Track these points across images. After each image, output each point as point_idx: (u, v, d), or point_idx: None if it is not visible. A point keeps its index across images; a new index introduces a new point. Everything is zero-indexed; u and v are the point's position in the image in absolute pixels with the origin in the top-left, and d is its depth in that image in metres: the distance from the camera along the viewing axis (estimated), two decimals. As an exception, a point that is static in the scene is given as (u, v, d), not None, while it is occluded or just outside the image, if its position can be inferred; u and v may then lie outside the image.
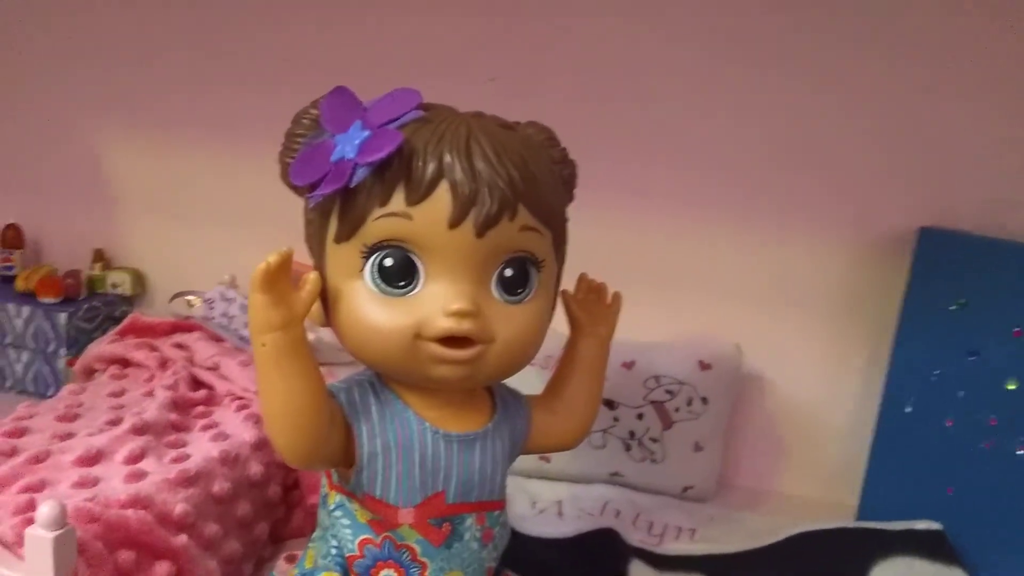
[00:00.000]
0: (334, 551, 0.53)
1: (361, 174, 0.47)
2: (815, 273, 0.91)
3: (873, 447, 0.86)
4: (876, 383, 0.86)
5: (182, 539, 0.55)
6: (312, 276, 0.48)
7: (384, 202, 0.47)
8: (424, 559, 0.52)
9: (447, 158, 0.47)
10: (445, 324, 0.47)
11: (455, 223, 0.47)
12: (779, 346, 0.93)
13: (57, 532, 0.47)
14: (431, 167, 0.47)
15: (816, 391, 0.93)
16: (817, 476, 0.94)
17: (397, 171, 0.47)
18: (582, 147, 0.57)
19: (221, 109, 1.03)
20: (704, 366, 0.88)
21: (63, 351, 0.96)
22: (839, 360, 0.92)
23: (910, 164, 0.87)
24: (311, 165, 0.49)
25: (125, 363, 0.82)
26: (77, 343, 0.96)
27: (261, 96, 0.49)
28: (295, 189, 0.52)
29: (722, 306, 0.94)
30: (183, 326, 0.89)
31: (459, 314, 0.47)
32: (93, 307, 1.00)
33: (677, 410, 0.87)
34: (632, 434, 0.87)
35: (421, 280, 0.49)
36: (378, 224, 0.48)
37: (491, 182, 0.47)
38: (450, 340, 0.48)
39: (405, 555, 0.52)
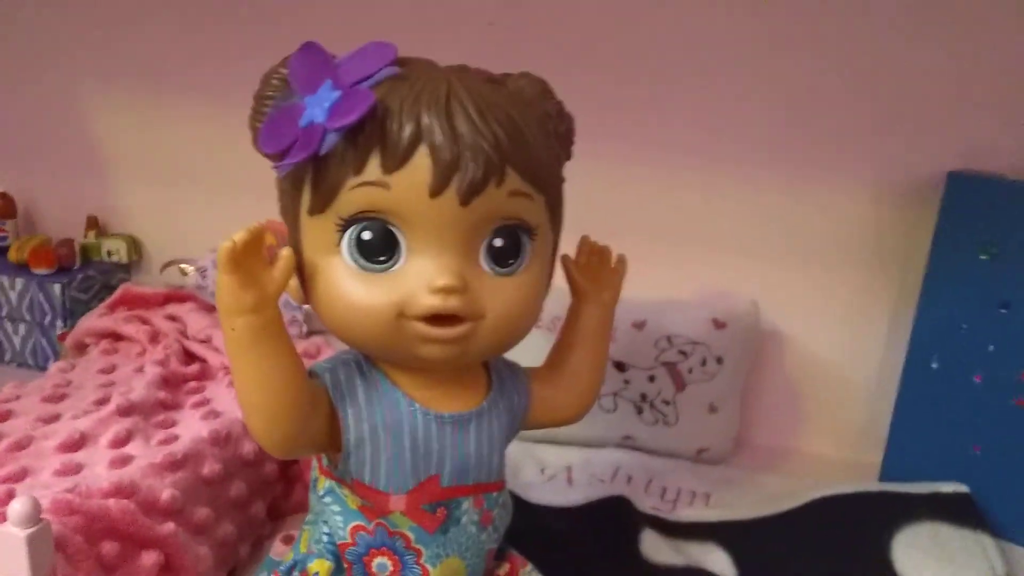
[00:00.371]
0: (325, 538, 0.50)
1: (331, 140, 0.43)
2: (836, 223, 0.86)
3: (897, 404, 0.82)
4: (901, 338, 0.82)
5: (169, 526, 0.53)
6: (285, 253, 0.45)
7: (359, 170, 0.43)
8: (418, 546, 0.49)
9: (425, 119, 0.43)
10: (430, 301, 0.44)
11: (436, 191, 0.43)
12: (798, 301, 0.89)
13: (31, 529, 0.45)
14: (408, 130, 0.43)
15: (837, 347, 0.90)
16: (838, 435, 0.91)
17: (371, 135, 0.43)
18: (585, 96, 0.52)
19: (217, 72, 0.98)
20: (719, 324, 0.84)
21: (59, 323, 0.94)
22: (861, 314, 0.88)
23: (937, 104, 0.81)
24: (279, 131, 0.45)
25: (116, 337, 0.80)
26: (74, 314, 0.94)
27: (257, 58, 0.46)
28: (267, 156, 0.48)
29: (737, 261, 0.89)
30: (176, 296, 0.86)
31: (445, 290, 0.44)
32: (88, 276, 0.98)
33: (691, 371, 0.83)
34: (644, 397, 0.84)
35: (403, 254, 0.45)
36: (353, 194, 0.44)
37: (474, 144, 0.43)
38: (436, 318, 0.44)
39: (399, 542, 0.49)
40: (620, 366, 0.84)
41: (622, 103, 0.86)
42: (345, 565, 0.50)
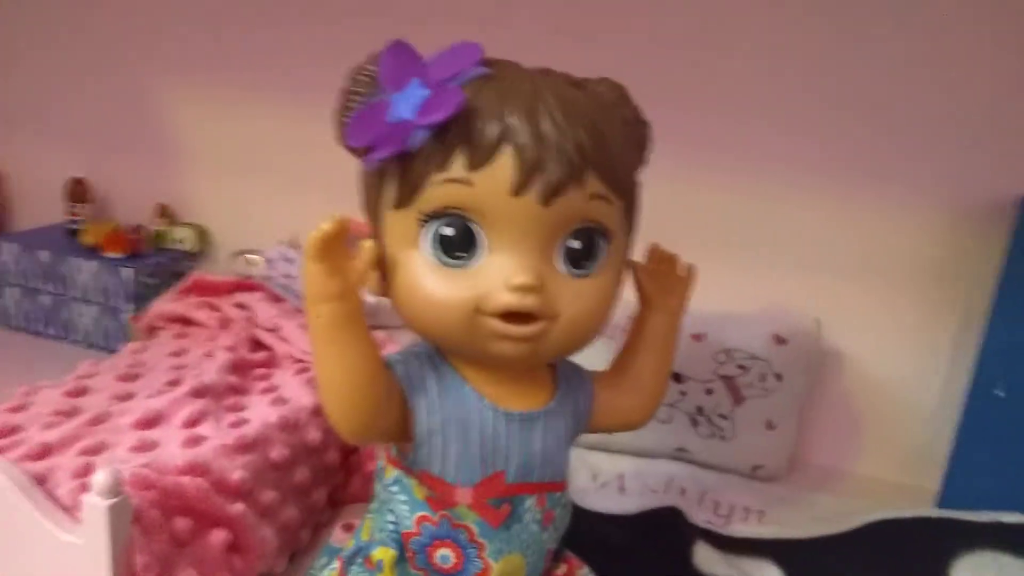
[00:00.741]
0: (391, 526, 0.51)
1: (419, 136, 0.44)
2: (903, 242, 0.85)
3: (959, 431, 0.81)
4: (965, 363, 0.81)
5: (239, 507, 0.55)
6: (368, 244, 0.46)
7: (443, 167, 0.44)
8: (482, 540, 0.50)
9: (511, 120, 0.43)
10: (507, 299, 0.45)
11: (519, 190, 0.44)
12: (861, 320, 0.88)
13: (112, 500, 0.46)
14: (494, 129, 0.43)
15: (900, 369, 0.88)
16: (896, 458, 0.89)
17: (457, 133, 0.44)
18: (651, 101, 0.52)
19: (290, 68, 1.01)
20: (779, 340, 0.83)
21: (128, 306, 0.97)
22: (926, 337, 0.87)
23: (1012, 125, 0.80)
24: (367, 126, 0.46)
25: (187, 322, 0.82)
26: (142, 298, 0.97)
27: (331, 55, 0.48)
28: (352, 151, 0.49)
29: (801, 276, 0.89)
30: (245, 285, 0.88)
31: (522, 288, 0.44)
32: (158, 263, 1.01)
33: (749, 386, 0.83)
34: (700, 409, 0.84)
35: (482, 251, 0.46)
36: (437, 190, 0.45)
37: (558, 146, 0.43)
38: (512, 315, 0.45)
39: (462, 535, 0.50)
40: (677, 377, 0.84)
41: (693, 109, 0.86)
42: (408, 554, 0.51)
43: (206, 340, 0.78)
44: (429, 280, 0.46)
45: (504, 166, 0.44)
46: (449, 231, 0.45)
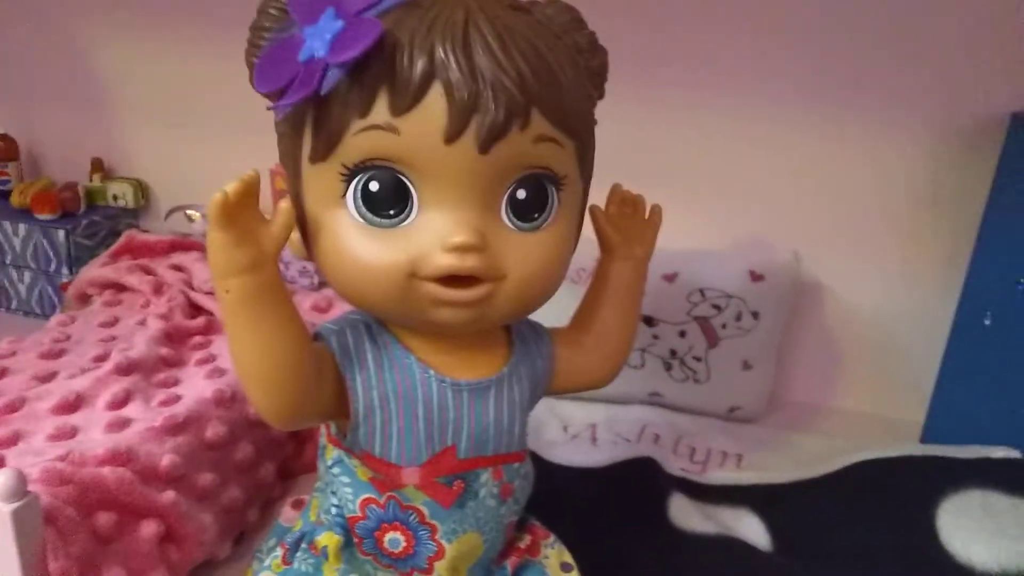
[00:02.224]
0: (334, 510, 0.47)
1: (333, 77, 0.38)
2: (884, 168, 0.80)
3: (944, 362, 0.77)
4: (952, 291, 0.76)
5: (169, 495, 0.50)
6: (283, 207, 0.40)
7: (364, 112, 0.38)
8: (433, 521, 0.45)
9: (439, 53, 0.37)
10: (444, 261, 0.39)
11: (452, 136, 0.38)
12: (841, 251, 0.83)
13: (15, 504, 0.41)
14: (420, 65, 0.37)
15: (882, 301, 0.84)
16: (880, 393, 0.86)
17: (378, 72, 0.38)
18: (614, 33, 0.46)
19: (228, 2, 0.93)
20: (755, 277, 0.79)
21: (64, 270, 0.91)
22: (910, 266, 0.82)
23: (1002, 38, 0.74)
24: (276, 66, 0.40)
25: (119, 288, 0.76)
26: (79, 261, 0.91)
27: None
28: (266, 96, 0.43)
29: (777, 209, 0.84)
30: (182, 244, 0.82)
31: (461, 248, 0.39)
32: (93, 222, 0.94)
33: (724, 326, 0.79)
34: (673, 353, 0.80)
35: (415, 207, 0.40)
36: (359, 139, 0.39)
37: (496, 81, 0.38)
38: (452, 279, 0.40)
39: (412, 517, 0.45)
40: (649, 320, 0.79)
41: (653, 41, 0.79)
42: (355, 539, 0.47)
43: (141, 306, 0.72)
44: (356, 242, 0.40)
45: (433, 108, 0.38)
46: (376, 186, 0.40)
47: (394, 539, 0.46)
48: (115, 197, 0.98)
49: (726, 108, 0.81)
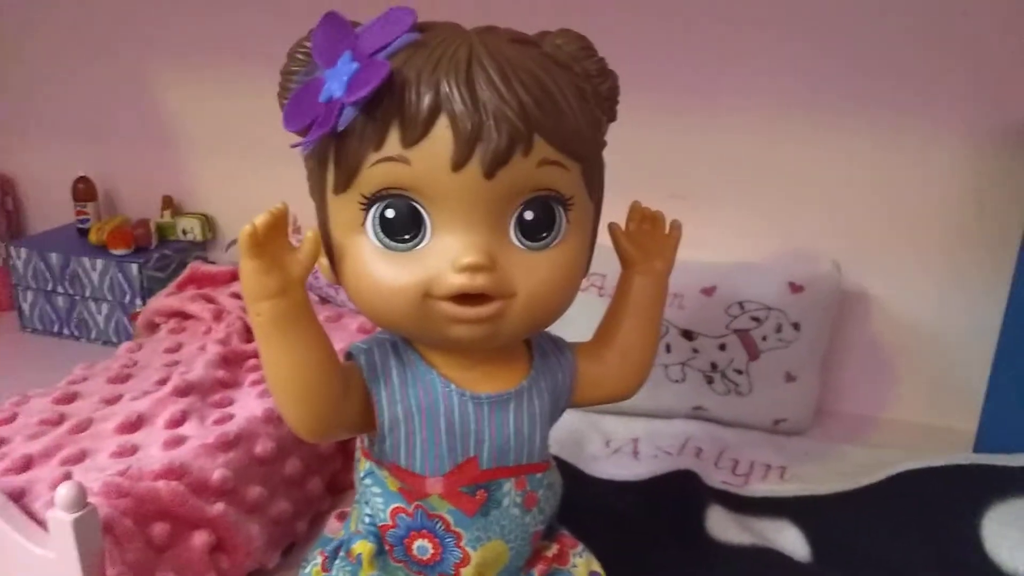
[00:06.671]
0: (367, 519, 0.50)
1: (349, 115, 0.41)
2: (927, 172, 0.80)
3: (993, 368, 0.76)
4: (999, 297, 0.75)
5: (219, 507, 0.54)
6: (310, 235, 0.43)
7: (379, 145, 0.42)
8: (458, 529, 0.48)
9: (444, 88, 0.40)
10: (456, 281, 0.42)
11: (459, 164, 0.41)
12: (883, 259, 0.83)
13: (77, 514, 0.46)
14: (426, 100, 0.40)
15: (928, 308, 0.83)
16: (928, 401, 0.85)
17: (389, 108, 0.41)
18: (641, 43, 0.48)
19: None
20: (795, 288, 0.79)
21: (138, 301, 0.97)
22: (955, 272, 0.81)
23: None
24: (301, 107, 0.44)
25: (184, 316, 0.81)
26: (151, 292, 0.97)
27: None
28: (297, 135, 0.46)
29: (815, 218, 0.84)
30: (241, 273, 0.87)
31: (471, 268, 0.42)
32: (164, 255, 1.00)
33: (764, 338, 0.79)
34: (714, 366, 0.80)
35: (428, 232, 0.43)
36: (374, 171, 0.42)
37: (498, 112, 0.40)
38: (464, 297, 0.42)
39: (439, 525, 0.48)
40: (688, 335, 0.80)
41: (684, 48, 0.80)
42: (387, 547, 0.49)
43: (203, 333, 0.77)
44: (376, 266, 0.43)
45: (440, 139, 0.41)
46: (392, 213, 0.43)
47: (422, 546, 0.48)
48: (184, 232, 1.04)
49: (760, 117, 0.82)
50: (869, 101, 0.79)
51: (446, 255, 0.42)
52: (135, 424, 0.59)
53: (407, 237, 0.43)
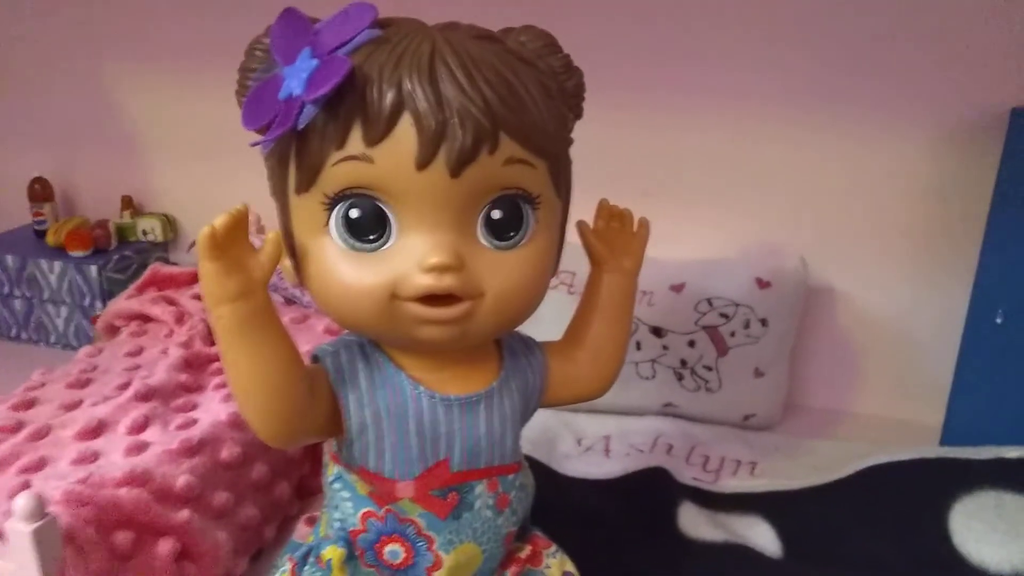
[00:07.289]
0: (337, 524, 0.49)
1: (309, 113, 0.40)
2: (890, 167, 0.80)
3: (959, 362, 0.77)
4: (962, 291, 0.76)
5: (184, 514, 0.53)
6: (271, 236, 0.42)
7: (341, 144, 0.41)
8: (430, 533, 0.47)
9: (407, 85, 0.40)
10: (423, 281, 0.41)
11: (423, 163, 0.40)
12: (849, 254, 0.84)
13: (36, 524, 0.44)
14: (389, 97, 0.40)
15: (894, 302, 0.84)
16: (896, 395, 0.86)
17: (351, 106, 0.40)
18: (606, 41, 0.48)
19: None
20: (763, 284, 0.79)
21: (99, 304, 0.95)
22: (919, 266, 0.82)
23: (999, 36, 0.74)
24: (260, 105, 0.43)
25: (145, 319, 0.79)
26: (112, 295, 0.95)
27: None
28: (256, 133, 0.45)
29: (781, 214, 0.84)
30: (204, 275, 0.85)
31: (438, 268, 0.41)
32: (125, 257, 0.98)
33: (733, 334, 0.79)
34: (684, 363, 0.80)
35: (393, 232, 0.42)
36: (337, 170, 0.41)
37: (462, 109, 0.40)
38: (432, 298, 0.42)
39: (410, 529, 0.47)
40: (658, 331, 0.80)
41: (646, 45, 0.80)
42: (357, 552, 0.48)
43: (164, 336, 0.75)
44: (341, 267, 0.43)
45: (404, 137, 0.40)
46: (356, 213, 0.42)
47: (394, 551, 0.48)
48: (144, 232, 1.02)
49: (724, 113, 0.82)
50: (834, 97, 0.80)
51: (412, 255, 0.42)
52: (96, 430, 0.58)
53: (372, 237, 0.42)
